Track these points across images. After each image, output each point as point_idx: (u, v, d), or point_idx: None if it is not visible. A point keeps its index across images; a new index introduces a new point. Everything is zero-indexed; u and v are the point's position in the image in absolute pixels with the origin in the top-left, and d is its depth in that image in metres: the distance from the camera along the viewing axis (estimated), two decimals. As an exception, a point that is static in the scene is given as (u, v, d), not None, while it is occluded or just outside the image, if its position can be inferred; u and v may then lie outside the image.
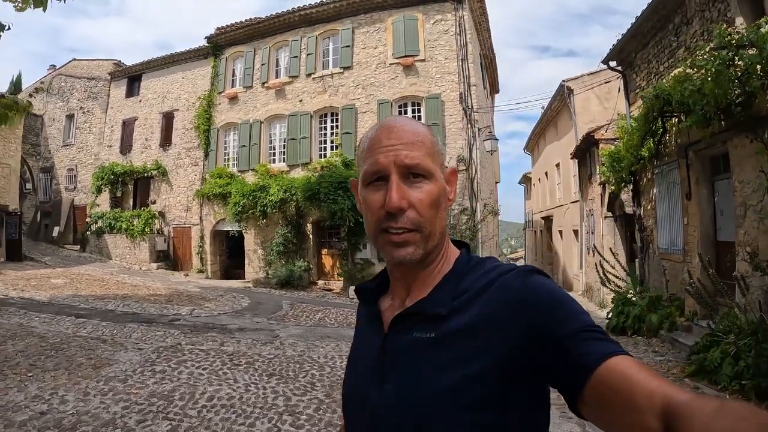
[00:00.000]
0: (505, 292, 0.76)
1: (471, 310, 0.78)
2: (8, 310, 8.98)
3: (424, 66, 15.13)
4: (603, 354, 0.64)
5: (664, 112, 7.78)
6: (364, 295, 0.98)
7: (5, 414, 4.31)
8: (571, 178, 18.24)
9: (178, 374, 5.68)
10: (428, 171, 0.82)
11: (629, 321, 8.27)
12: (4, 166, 18.38)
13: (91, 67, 23.50)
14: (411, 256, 0.81)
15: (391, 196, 0.79)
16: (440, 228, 0.84)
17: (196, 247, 18.52)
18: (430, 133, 0.87)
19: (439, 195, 0.83)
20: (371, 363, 0.87)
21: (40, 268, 16.31)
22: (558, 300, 0.73)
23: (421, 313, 0.82)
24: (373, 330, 0.92)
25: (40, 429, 4.05)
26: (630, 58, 10.62)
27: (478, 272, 0.84)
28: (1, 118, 5.45)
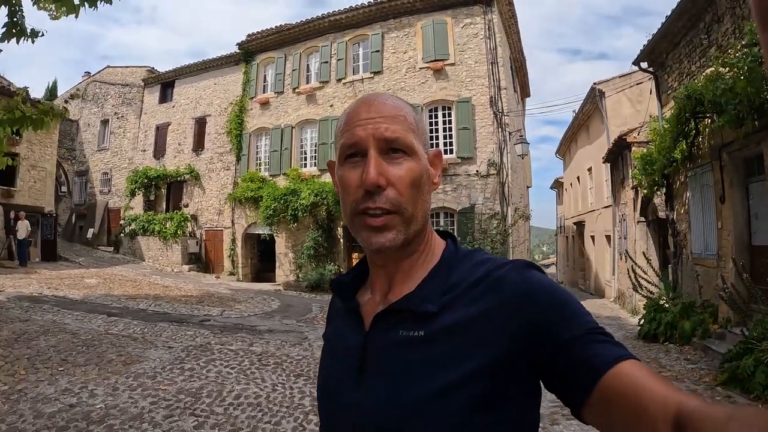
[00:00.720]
0: (501, 287, 0.73)
1: (463, 306, 0.75)
2: (42, 307, 9.26)
3: (454, 70, 15.27)
4: (613, 357, 0.63)
5: (697, 112, 7.71)
6: (340, 289, 0.93)
7: (35, 405, 4.49)
8: (604, 183, 18.17)
9: (207, 372, 5.85)
10: (409, 147, 0.78)
11: (661, 328, 8.19)
12: (41, 169, 19.09)
13: (125, 73, 24.44)
14: (391, 243, 0.77)
15: (369, 171, 0.76)
16: (423, 212, 0.80)
17: (228, 249, 19.04)
18: (413, 111, 0.84)
19: (422, 174, 0.79)
20: (350, 363, 0.82)
21: (74, 268, 16.81)
22: (563, 298, 0.71)
23: (408, 309, 0.77)
24: (351, 327, 0.87)
25: (68, 421, 4.18)
26: (661, 59, 10.54)
27: (468, 264, 0.80)
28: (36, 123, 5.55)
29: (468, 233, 13.87)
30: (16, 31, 5.53)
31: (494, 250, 13.38)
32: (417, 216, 0.79)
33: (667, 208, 10.53)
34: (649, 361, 6.89)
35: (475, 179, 14.30)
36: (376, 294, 0.86)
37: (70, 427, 4.05)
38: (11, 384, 4.98)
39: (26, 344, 6.52)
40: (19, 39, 5.55)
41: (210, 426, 4.26)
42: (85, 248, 22.41)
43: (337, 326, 0.94)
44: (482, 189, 14.21)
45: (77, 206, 25.04)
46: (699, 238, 8.93)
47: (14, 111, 5.50)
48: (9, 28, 5.50)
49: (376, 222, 0.77)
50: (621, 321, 11.55)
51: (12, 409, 4.34)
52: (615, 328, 10.21)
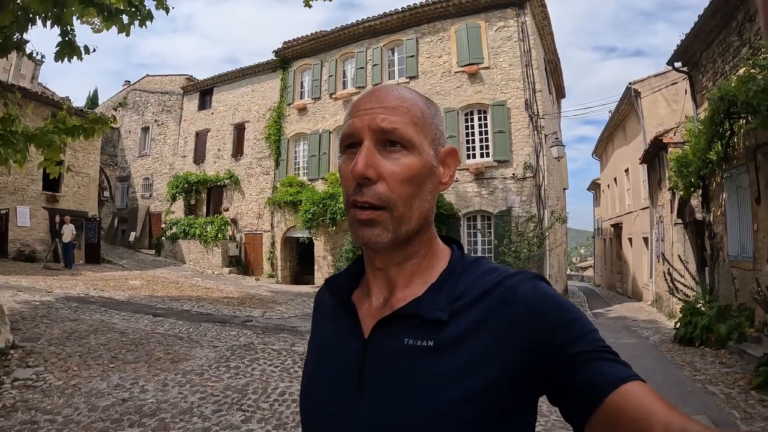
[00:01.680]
0: (511, 298, 0.72)
1: (472, 316, 0.73)
2: (90, 307, 9.62)
3: (489, 73, 15.47)
4: (620, 378, 0.63)
5: (731, 113, 7.69)
6: (334, 289, 0.89)
7: (89, 399, 4.73)
8: (641, 184, 18.13)
9: (251, 370, 6.11)
10: (408, 140, 0.75)
11: (697, 331, 8.19)
12: (84, 175, 20.11)
13: (164, 82, 25.52)
14: (376, 239, 0.75)
15: (357, 161, 0.73)
16: (419, 211, 0.77)
17: (267, 252, 19.70)
18: (424, 103, 0.80)
19: (420, 171, 0.76)
20: (345, 371, 0.79)
21: (118, 270, 17.53)
22: (574, 314, 0.71)
23: (416, 315, 0.75)
24: (345, 332, 0.83)
25: (122, 414, 4.42)
26: (695, 58, 10.53)
27: (475, 273, 0.79)
28: (88, 132, 5.82)
29: (505, 236, 14.08)
30: (69, 50, 5.89)
31: (531, 252, 13.62)
32: (411, 216, 0.76)
33: (704, 210, 10.47)
34: (683, 365, 7.01)
35: (512, 182, 14.49)
36: (375, 298, 0.83)
37: (123, 419, 4.31)
38: (65, 379, 5.26)
39: (77, 342, 6.85)
40: (71, 57, 5.94)
41: (257, 420, 4.49)
42: (127, 251, 23.25)
43: (327, 330, 0.90)
44: (519, 192, 14.39)
45: (119, 210, 26.14)
46: (735, 240, 8.87)
47: (66, 121, 5.80)
48: (62, 47, 5.86)
49: (362, 215, 0.75)
50: (658, 324, 11.55)
51: (67, 403, 4.61)
52: (651, 331, 10.27)
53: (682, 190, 10.82)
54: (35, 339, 6.76)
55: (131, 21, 5.86)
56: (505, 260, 13.68)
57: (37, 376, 5.30)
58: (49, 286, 11.86)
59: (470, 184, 15.14)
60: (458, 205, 15.15)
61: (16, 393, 4.76)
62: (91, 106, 28.88)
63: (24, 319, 7.95)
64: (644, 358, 7.60)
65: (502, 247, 13.97)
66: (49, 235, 18.01)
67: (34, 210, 17.83)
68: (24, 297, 9.93)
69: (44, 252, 17.31)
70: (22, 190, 17.49)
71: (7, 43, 5.86)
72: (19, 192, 17.40)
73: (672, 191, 12.58)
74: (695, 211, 11.11)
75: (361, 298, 0.86)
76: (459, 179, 15.23)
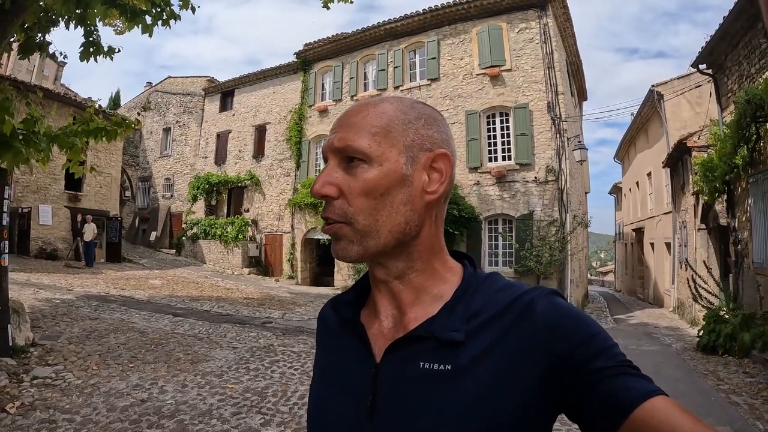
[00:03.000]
0: (529, 315, 0.70)
1: (489, 335, 0.71)
2: (110, 306, 9.70)
3: (511, 76, 15.48)
4: (645, 392, 0.61)
5: (757, 117, 7.69)
6: (341, 308, 0.87)
7: (108, 399, 4.73)
8: (663, 188, 18.08)
9: (271, 373, 6.09)
10: (362, 152, 0.73)
11: (720, 340, 8.05)
12: (106, 175, 20.48)
13: (186, 83, 25.91)
14: (342, 252, 0.75)
15: (315, 181, 0.75)
16: (390, 224, 0.74)
17: (287, 254, 19.92)
18: (397, 109, 0.77)
19: (380, 182, 0.73)
20: (356, 398, 0.76)
21: (138, 270, 17.80)
22: (593, 328, 0.69)
23: (431, 337, 0.72)
24: (353, 354, 0.81)
25: (140, 415, 4.41)
26: (720, 61, 10.43)
27: (490, 290, 0.76)
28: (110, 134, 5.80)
29: (526, 240, 14.13)
30: (94, 50, 6.00)
31: (553, 257, 13.66)
32: (378, 230, 0.73)
33: (729, 216, 10.36)
34: (707, 374, 6.92)
35: (533, 186, 14.51)
36: (384, 317, 0.80)
37: (142, 420, 4.31)
38: (84, 379, 5.29)
39: (97, 341, 6.90)
40: (96, 57, 6.05)
41: (276, 424, 4.46)
42: (147, 250, 23.59)
43: (333, 351, 0.87)
44: (540, 195, 14.41)
45: (140, 210, 26.59)
46: (760, 247, 8.74)
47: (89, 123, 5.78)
48: (86, 47, 5.96)
49: (326, 229, 0.76)
50: (680, 332, 11.45)
51: (86, 402, 4.62)
52: (674, 338, 10.20)
53: (706, 194, 10.77)
54: (55, 337, 6.84)
55: (154, 21, 5.89)
56: (527, 264, 13.77)
57: (56, 374, 5.35)
58: (70, 284, 12.07)
59: (492, 187, 15.21)
60: (480, 208, 15.22)
61: (35, 391, 4.81)
62: (114, 107, 29.41)
63: (44, 317, 8.05)
64: (667, 366, 7.55)
65: (524, 251, 14.03)
66: (70, 233, 18.36)
67: (56, 209, 18.18)
68: (45, 295, 10.07)
69: (66, 250, 17.64)
70: (44, 189, 17.84)
71: (29, 43, 6.00)
72: (42, 191, 17.76)
73: (696, 196, 12.55)
74: (719, 216, 11.02)
75: (369, 318, 0.83)
76: (481, 182, 15.35)
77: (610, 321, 14.07)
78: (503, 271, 14.73)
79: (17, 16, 5.17)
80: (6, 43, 5.52)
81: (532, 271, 13.80)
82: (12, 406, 4.37)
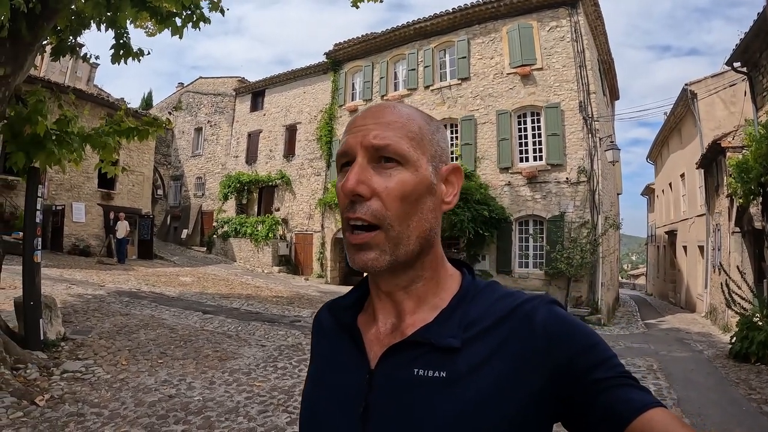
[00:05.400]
0: (528, 324, 0.70)
1: (487, 344, 0.70)
2: (141, 302, 9.83)
3: (542, 75, 15.37)
4: (643, 404, 0.61)
5: None
6: (338, 312, 0.86)
7: (136, 394, 4.79)
8: (697, 190, 17.73)
9: (299, 372, 6.08)
10: (403, 156, 0.72)
11: (753, 347, 7.83)
12: (138, 174, 20.86)
13: (217, 84, 26.28)
14: (373, 263, 0.72)
15: (348, 178, 0.71)
16: (419, 231, 0.73)
17: (317, 253, 20.08)
18: (422, 119, 0.78)
19: (416, 187, 0.72)
20: (349, 405, 0.75)
21: (169, 267, 18.12)
22: (593, 339, 0.69)
23: (427, 343, 0.71)
24: (348, 359, 0.80)
25: (168, 410, 4.45)
26: (755, 59, 10.25)
27: (489, 298, 0.76)
28: (142, 134, 5.97)
29: (557, 242, 14.02)
30: (124, 53, 6.11)
31: (584, 259, 13.49)
32: (409, 236, 0.72)
33: (764, 219, 10.19)
34: (738, 383, 6.77)
35: (565, 186, 14.39)
36: (382, 323, 0.79)
37: (169, 416, 4.35)
38: (114, 373, 5.38)
39: (127, 337, 7.00)
40: (127, 59, 6.15)
41: None
42: (179, 248, 24.00)
43: (328, 355, 0.85)
44: (572, 196, 14.27)
45: (172, 208, 27.06)
46: None
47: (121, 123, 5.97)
48: (117, 50, 6.08)
49: (356, 239, 0.73)
50: (712, 338, 11.23)
51: (114, 397, 4.69)
52: (705, 345, 10.04)
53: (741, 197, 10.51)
54: (86, 332, 6.97)
55: (184, 24, 6.00)
56: (558, 266, 13.65)
57: (86, 368, 5.44)
58: (101, 280, 12.28)
59: (523, 188, 15.13)
60: (510, 209, 15.15)
61: (64, 385, 4.90)
62: (146, 107, 30.01)
63: (76, 312, 8.18)
64: (698, 373, 7.43)
65: (555, 253, 13.89)
66: (103, 230, 18.78)
67: (89, 206, 18.59)
68: (77, 290, 10.23)
69: (98, 247, 18.08)
70: (78, 188, 18.24)
71: (61, 46, 6.13)
72: (75, 189, 18.16)
73: (730, 198, 12.27)
74: (754, 219, 10.82)
75: (366, 323, 0.82)
76: (512, 183, 15.28)
77: (641, 325, 13.90)
78: (533, 273, 14.74)
79: (49, 20, 5.29)
80: (39, 46, 5.61)
81: (563, 273, 13.65)
82: (42, 398, 4.46)
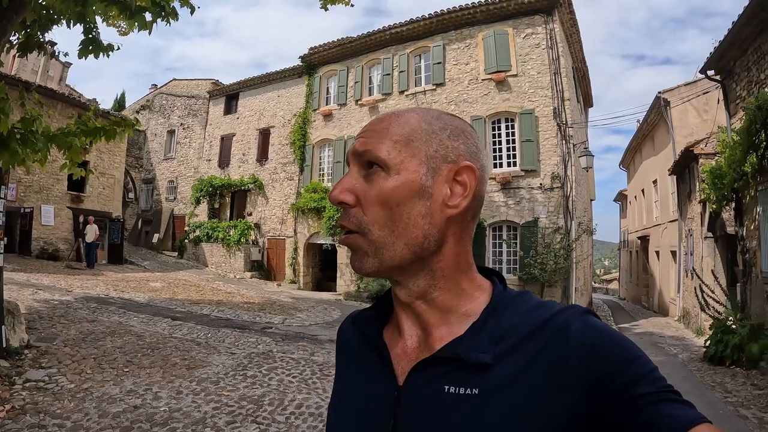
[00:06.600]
0: (563, 337, 0.66)
1: (520, 358, 0.66)
2: (109, 308, 9.56)
3: (517, 81, 15.40)
4: (689, 420, 0.58)
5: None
6: (362, 325, 0.84)
7: (100, 405, 4.62)
8: (669, 196, 17.99)
9: (269, 380, 5.99)
10: (381, 160, 0.70)
11: (728, 350, 7.93)
12: (109, 176, 20.45)
13: (191, 86, 25.89)
14: (359, 264, 0.72)
15: (334, 187, 0.72)
16: (407, 238, 0.69)
17: (290, 258, 19.82)
18: (421, 119, 0.74)
19: (395, 192, 0.69)
20: (377, 422, 0.72)
21: (140, 272, 17.69)
22: (633, 351, 0.66)
23: (457, 359, 0.68)
24: (376, 374, 0.77)
25: (132, 422, 4.31)
26: (729, 67, 10.28)
27: (521, 309, 0.72)
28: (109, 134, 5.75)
29: (531, 247, 14.02)
30: (93, 47, 5.87)
31: (558, 265, 13.49)
32: (393, 242, 0.69)
33: (737, 224, 10.24)
34: (714, 386, 6.81)
35: (539, 192, 14.40)
36: (408, 336, 0.76)
37: (134, 428, 4.22)
38: (78, 383, 5.18)
39: (93, 344, 6.77)
40: (97, 54, 5.91)
41: None
42: (150, 252, 23.50)
43: (354, 370, 0.83)
44: (545, 202, 14.31)
45: (143, 212, 26.54)
46: None
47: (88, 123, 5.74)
48: (85, 44, 5.84)
49: (342, 239, 0.74)
50: (685, 342, 11.31)
51: (78, 407, 4.51)
52: (680, 349, 10.08)
53: (714, 202, 10.68)
54: (51, 339, 6.73)
55: (154, 18, 5.80)
56: (531, 272, 13.62)
57: (49, 377, 5.27)
58: (69, 285, 11.96)
59: (497, 194, 15.07)
60: (484, 214, 15.02)
61: (26, 394, 4.73)
62: (118, 108, 29.43)
63: (41, 318, 7.94)
64: (673, 377, 7.28)
65: (528, 258, 13.90)
66: (72, 234, 18.32)
67: (58, 209, 18.11)
68: (43, 296, 9.95)
69: (67, 251, 17.64)
70: (47, 190, 17.78)
71: (29, 42, 5.93)
72: (44, 191, 17.69)
73: (703, 204, 12.44)
74: (727, 224, 10.93)
75: (392, 337, 0.78)
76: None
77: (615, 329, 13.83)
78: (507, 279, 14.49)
79: (17, 13, 5.12)
80: (5, 41, 5.42)
81: (537, 278, 13.63)
82: (2, 409, 4.28)
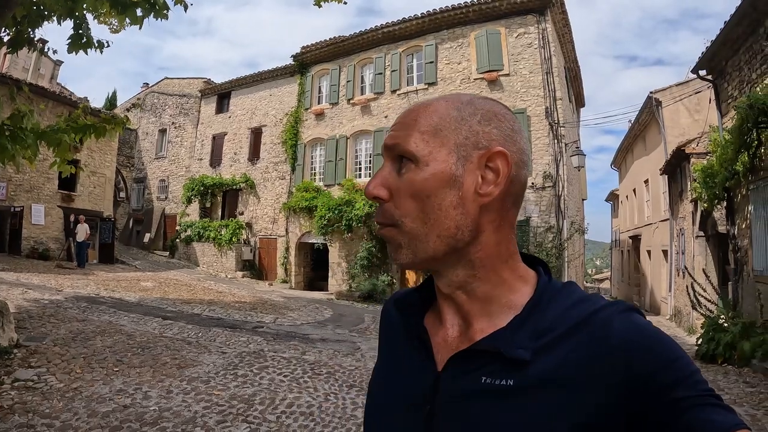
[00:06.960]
0: (605, 334, 0.64)
1: (559, 354, 0.65)
2: (99, 308, 9.49)
3: (509, 80, 15.44)
4: (728, 426, 0.57)
5: (759, 123, 7.57)
6: (404, 308, 0.84)
7: (90, 404, 4.59)
8: (661, 195, 18.00)
9: (260, 379, 5.95)
10: (409, 153, 0.70)
11: (720, 348, 7.87)
12: (100, 175, 20.36)
13: (182, 85, 25.78)
14: (395, 255, 0.72)
15: (368, 182, 0.72)
16: (439, 229, 0.69)
17: (281, 258, 19.75)
18: (450, 106, 0.72)
19: (425, 183, 0.68)
20: (414, 407, 0.73)
21: (131, 271, 17.59)
22: (676, 352, 0.63)
23: (496, 352, 0.67)
24: (415, 360, 0.77)
25: (122, 421, 4.27)
26: (720, 66, 10.27)
27: (565, 303, 0.70)
28: (99, 131, 5.76)
29: (523, 247, 13.91)
30: (83, 43, 5.89)
31: (549, 264, 13.36)
32: (426, 233, 0.69)
33: (728, 223, 10.24)
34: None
35: (531, 191, 14.32)
36: (450, 326, 0.76)
37: (123, 427, 4.17)
38: (67, 382, 5.14)
39: (83, 344, 6.72)
40: (86, 50, 5.95)
41: None
42: (141, 252, 23.41)
43: (395, 352, 0.83)
44: (537, 202, 14.30)
45: (135, 211, 26.36)
46: (761, 255, 8.62)
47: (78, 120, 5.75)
48: (75, 39, 5.86)
49: (379, 232, 0.75)
50: (678, 340, 10.77)
51: (67, 407, 4.48)
52: None
53: (705, 201, 10.68)
54: (40, 339, 6.69)
55: (145, 14, 5.83)
56: (523, 271, 13.56)
57: (38, 377, 5.23)
58: (60, 284, 11.89)
59: (488, 193, 14.96)
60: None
61: (15, 394, 4.69)
62: (110, 107, 29.25)
63: (31, 317, 7.91)
64: None
65: (519, 257, 13.83)
66: (63, 233, 18.21)
67: (48, 208, 17.99)
68: (33, 295, 9.91)
69: (58, 250, 17.53)
70: (37, 189, 17.65)
71: (19, 38, 5.89)
72: (35, 190, 17.57)
73: (694, 203, 12.46)
74: (718, 223, 10.94)
75: (434, 324, 0.78)
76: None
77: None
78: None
79: (8, 8, 5.09)
80: None
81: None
82: None
